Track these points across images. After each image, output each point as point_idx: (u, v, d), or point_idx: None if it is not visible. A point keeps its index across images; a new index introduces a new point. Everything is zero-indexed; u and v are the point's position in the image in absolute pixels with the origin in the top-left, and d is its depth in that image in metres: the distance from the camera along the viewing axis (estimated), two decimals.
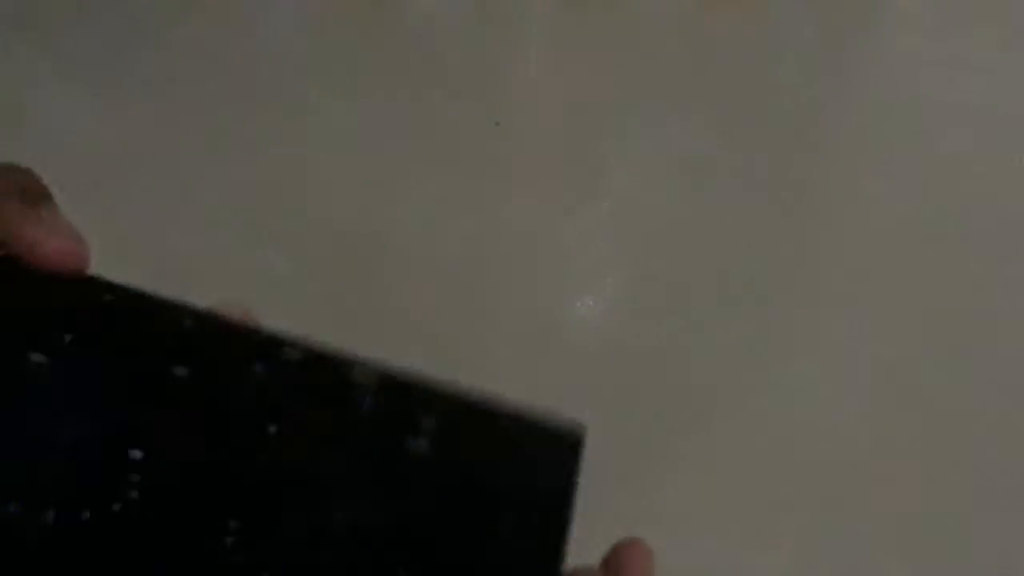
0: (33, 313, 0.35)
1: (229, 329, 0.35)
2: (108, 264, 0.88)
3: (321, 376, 0.34)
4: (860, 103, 0.79)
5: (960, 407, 0.69)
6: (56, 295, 0.35)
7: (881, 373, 0.70)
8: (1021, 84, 0.79)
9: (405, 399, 0.33)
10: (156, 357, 0.34)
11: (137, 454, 0.33)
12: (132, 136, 0.83)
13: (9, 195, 0.37)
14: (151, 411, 0.33)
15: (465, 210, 0.81)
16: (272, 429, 0.33)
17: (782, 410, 0.71)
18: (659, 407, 0.71)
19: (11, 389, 0.33)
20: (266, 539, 0.32)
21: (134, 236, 0.82)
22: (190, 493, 0.33)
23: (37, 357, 0.34)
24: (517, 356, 0.70)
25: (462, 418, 0.33)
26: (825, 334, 0.72)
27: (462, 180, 0.82)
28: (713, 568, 0.66)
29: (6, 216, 0.36)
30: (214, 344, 0.34)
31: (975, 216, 0.78)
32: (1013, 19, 0.78)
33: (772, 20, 0.80)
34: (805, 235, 0.80)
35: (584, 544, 0.34)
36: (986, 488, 0.68)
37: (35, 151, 0.86)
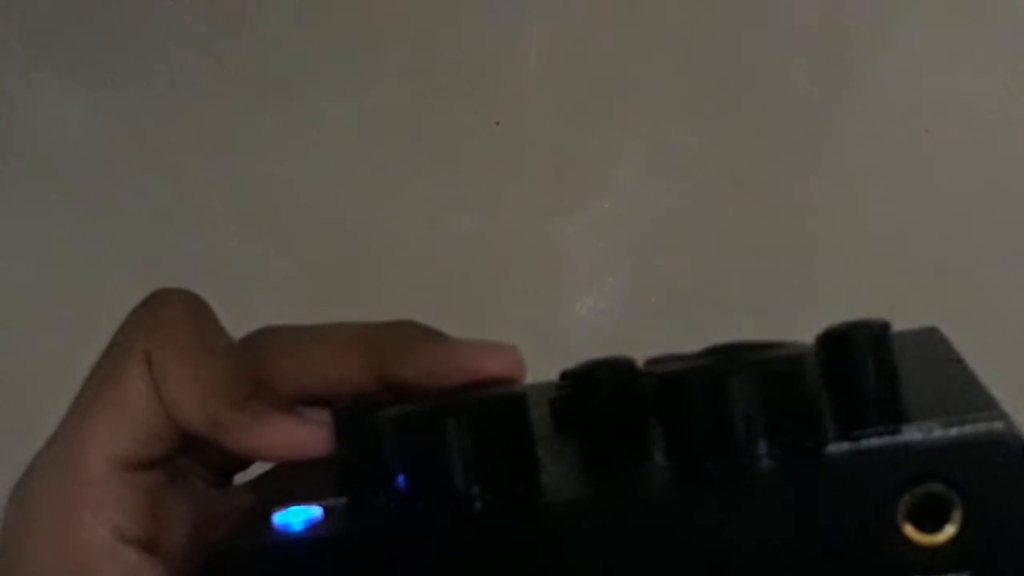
0: None
1: None
2: (108, 264, 0.88)
3: None
4: (861, 103, 0.79)
5: None
6: None
7: None
8: (1021, 84, 0.79)
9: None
10: None
11: None
12: (131, 136, 0.82)
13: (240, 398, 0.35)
14: None
15: (465, 210, 0.81)
16: None
17: None
18: None
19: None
20: None
21: (133, 236, 0.82)
22: None
23: None
24: None
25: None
26: None
27: (462, 180, 0.82)
28: None
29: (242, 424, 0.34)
30: None
31: (976, 216, 0.78)
32: (1013, 19, 0.78)
33: (772, 19, 0.79)
34: (805, 235, 0.80)
35: None
36: None
37: (34, 151, 0.86)
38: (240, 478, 0.40)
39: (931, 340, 0.41)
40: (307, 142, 0.82)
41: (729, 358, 0.31)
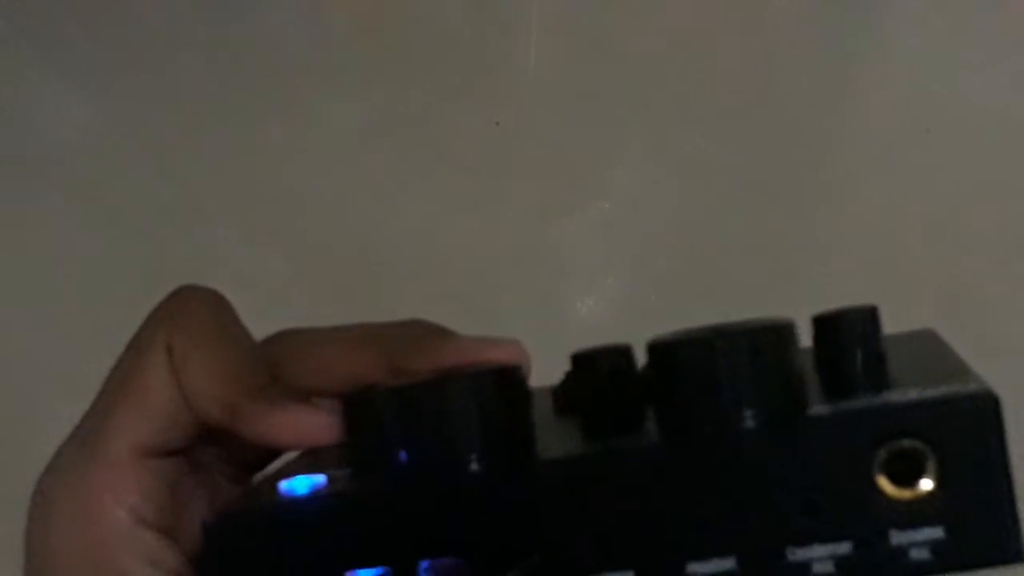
0: None
1: None
2: (108, 264, 0.88)
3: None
4: (860, 103, 0.79)
5: None
6: None
7: None
8: (1021, 84, 0.79)
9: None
10: None
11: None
12: (131, 136, 0.82)
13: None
14: None
15: (465, 210, 0.81)
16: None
17: None
18: None
19: None
20: None
21: (133, 236, 0.82)
22: None
23: None
24: None
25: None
26: None
27: (462, 180, 0.82)
28: None
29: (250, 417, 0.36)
30: None
31: (976, 216, 0.78)
32: (1013, 19, 0.78)
33: (773, 19, 0.80)
34: (805, 235, 0.80)
35: None
36: None
37: (34, 151, 0.86)
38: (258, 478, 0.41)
39: (925, 336, 0.42)
40: (307, 142, 0.82)
41: (716, 327, 0.33)
